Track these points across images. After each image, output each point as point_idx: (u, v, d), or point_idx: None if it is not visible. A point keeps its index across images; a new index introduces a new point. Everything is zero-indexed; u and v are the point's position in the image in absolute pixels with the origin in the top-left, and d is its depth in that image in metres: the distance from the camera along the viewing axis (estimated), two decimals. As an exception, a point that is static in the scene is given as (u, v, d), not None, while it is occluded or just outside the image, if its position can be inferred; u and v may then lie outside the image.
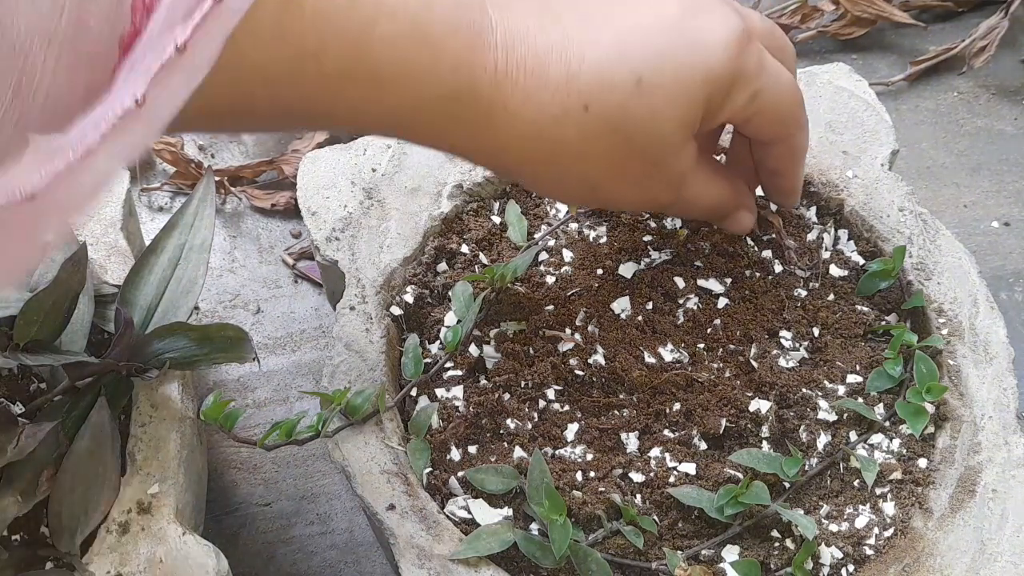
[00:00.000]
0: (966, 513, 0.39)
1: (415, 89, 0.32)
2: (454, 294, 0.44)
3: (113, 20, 0.25)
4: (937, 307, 0.45)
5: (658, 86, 0.34)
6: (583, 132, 0.34)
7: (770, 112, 0.38)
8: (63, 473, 0.39)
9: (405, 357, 0.43)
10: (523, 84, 0.33)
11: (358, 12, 0.30)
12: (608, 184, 0.37)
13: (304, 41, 0.29)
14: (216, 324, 0.42)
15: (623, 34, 0.34)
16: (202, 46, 0.25)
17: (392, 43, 0.31)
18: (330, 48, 0.30)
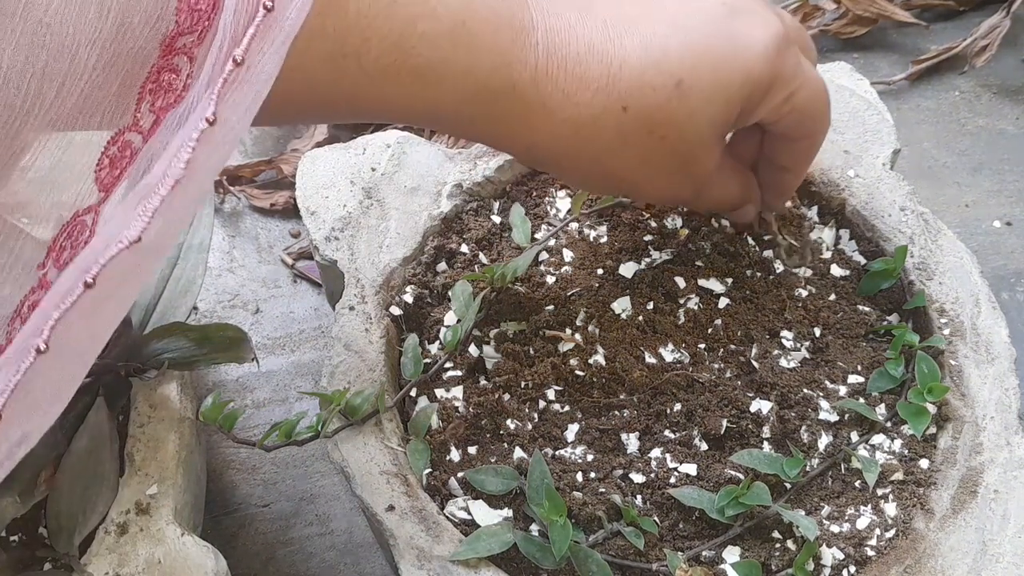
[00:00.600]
0: (968, 514, 0.39)
1: (455, 87, 0.33)
2: (453, 294, 0.44)
3: (155, 21, 0.26)
4: (939, 307, 0.44)
5: (697, 88, 0.35)
6: (620, 132, 0.35)
7: (803, 112, 0.38)
8: (61, 474, 0.39)
9: (404, 357, 0.43)
10: (563, 83, 0.34)
11: (400, 11, 0.30)
12: (637, 179, 0.37)
13: (346, 40, 0.30)
14: (215, 324, 0.42)
15: (664, 35, 0.35)
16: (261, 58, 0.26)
17: (433, 42, 0.31)
18: (372, 47, 0.30)
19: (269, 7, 0.26)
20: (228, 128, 0.26)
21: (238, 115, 0.26)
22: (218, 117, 0.25)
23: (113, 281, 0.25)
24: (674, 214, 0.47)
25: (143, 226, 0.25)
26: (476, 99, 0.33)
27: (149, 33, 0.26)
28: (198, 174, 0.26)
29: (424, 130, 0.67)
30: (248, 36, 0.26)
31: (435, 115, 0.34)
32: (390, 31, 0.30)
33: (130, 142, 0.27)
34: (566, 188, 0.49)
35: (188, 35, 0.26)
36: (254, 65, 0.26)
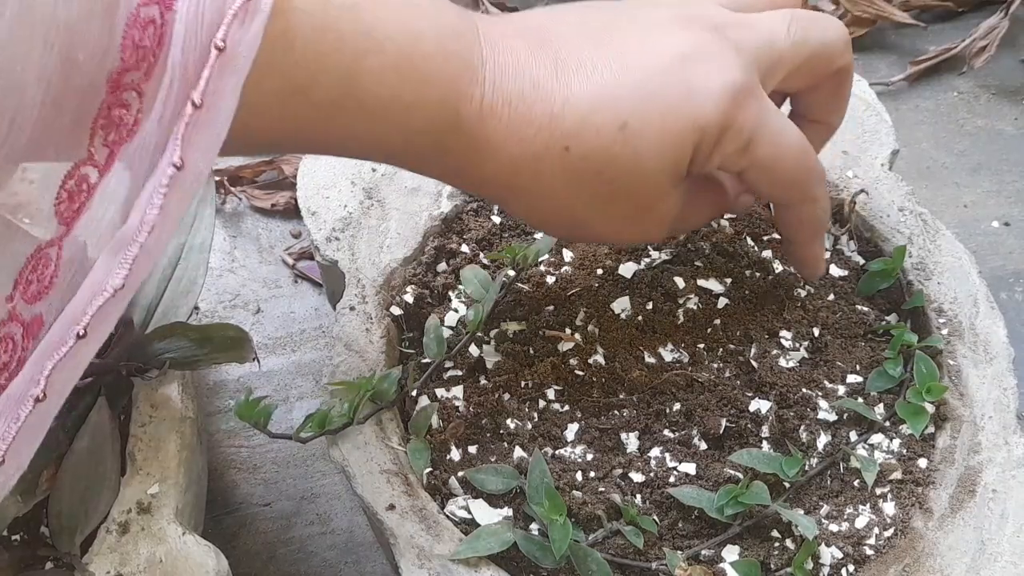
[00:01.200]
0: (966, 513, 0.39)
1: (403, 121, 0.32)
2: (465, 278, 0.44)
3: (100, 57, 0.26)
4: (937, 307, 0.45)
5: (643, 133, 0.34)
6: (566, 172, 0.34)
7: (767, 171, 0.37)
8: (63, 473, 0.39)
9: (427, 338, 0.43)
10: (507, 120, 0.33)
11: (347, 46, 0.30)
12: (594, 223, 0.36)
13: (294, 76, 0.30)
14: (216, 324, 0.42)
15: (614, 76, 0.34)
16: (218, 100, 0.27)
17: (380, 77, 0.31)
18: (320, 82, 0.30)
19: (221, 47, 0.27)
20: (195, 171, 0.27)
21: (204, 157, 0.27)
22: (185, 162, 0.27)
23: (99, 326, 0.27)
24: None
25: (126, 273, 0.27)
26: (424, 133, 0.33)
27: (95, 69, 0.26)
28: (171, 216, 0.27)
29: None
30: (204, 78, 0.27)
31: (386, 150, 0.34)
32: (337, 66, 0.30)
33: (87, 176, 0.28)
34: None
35: (134, 71, 0.27)
36: (213, 106, 0.27)
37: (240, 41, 0.27)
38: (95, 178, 0.28)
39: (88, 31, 0.25)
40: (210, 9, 0.27)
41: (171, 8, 0.27)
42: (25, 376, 0.27)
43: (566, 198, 0.35)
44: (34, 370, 0.27)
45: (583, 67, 0.34)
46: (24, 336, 0.28)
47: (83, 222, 0.28)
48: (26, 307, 0.28)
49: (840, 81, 0.40)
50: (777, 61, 0.37)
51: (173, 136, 0.27)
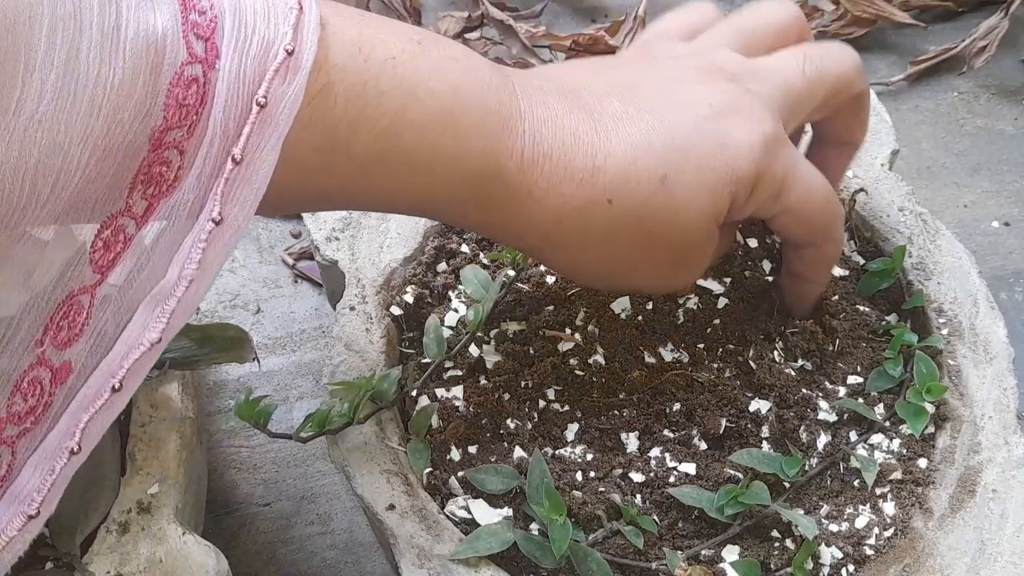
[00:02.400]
0: (966, 513, 0.39)
1: (444, 174, 0.32)
2: (465, 278, 0.44)
3: (144, 116, 0.27)
4: (937, 307, 0.45)
5: (682, 184, 0.34)
6: (608, 224, 0.35)
7: (797, 214, 0.38)
8: (63, 473, 0.39)
9: (426, 338, 0.42)
10: (548, 173, 0.34)
11: (387, 100, 0.30)
12: (632, 273, 0.37)
13: (336, 131, 0.30)
14: (216, 324, 0.42)
15: (648, 130, 0.35)
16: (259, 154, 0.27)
17: (421, 130, 0.31)
18: (361, 137, 0.30)
19: (263, 103, 0.27)
20: (234, 226, 0.28)
21: (243, 213, 0.28)
22: (224, 217, 0.27)
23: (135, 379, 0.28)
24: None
25: (163, 327, 0.27)
26: (466, 185, 0.33)
27: (139, 128, 0.26)
28: (208, 271, 0.28)
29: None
30: (245, 135, 0.27)
31: (429, 203, 0.34)
32: (379, 120, 0.30)
33: (123, 226, 0.28)
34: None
35: (177, 129, 0.27)
36: (253, 162, 0.28)
37: (281, 97, 0.27)
38: (132, 230, 0.28)
39: (132, 92, 0.26)
40: (252, 66, 0.27)
41: (214, 67, 0.27)
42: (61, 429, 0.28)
43: (607, 249, 0.36)
44: (70, 423, 0.28)
45: (620, 122, 0.35)
46: (52, 381, 0.29)
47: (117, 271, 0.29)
48: (56, 352, 0.29)
49: (859, 105, 0.41)
50: (796, 103, 0.38)
51: (212, 192, 0.27)
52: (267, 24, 0.28)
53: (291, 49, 0.28)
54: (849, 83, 0.40)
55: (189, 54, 0.26)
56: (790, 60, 0.39)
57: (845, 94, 0.40)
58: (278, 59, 0.27)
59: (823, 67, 0.39)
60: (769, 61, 0.39)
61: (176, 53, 0.26)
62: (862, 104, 0.41)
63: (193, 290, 0.27)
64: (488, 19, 0.72)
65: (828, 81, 0.39)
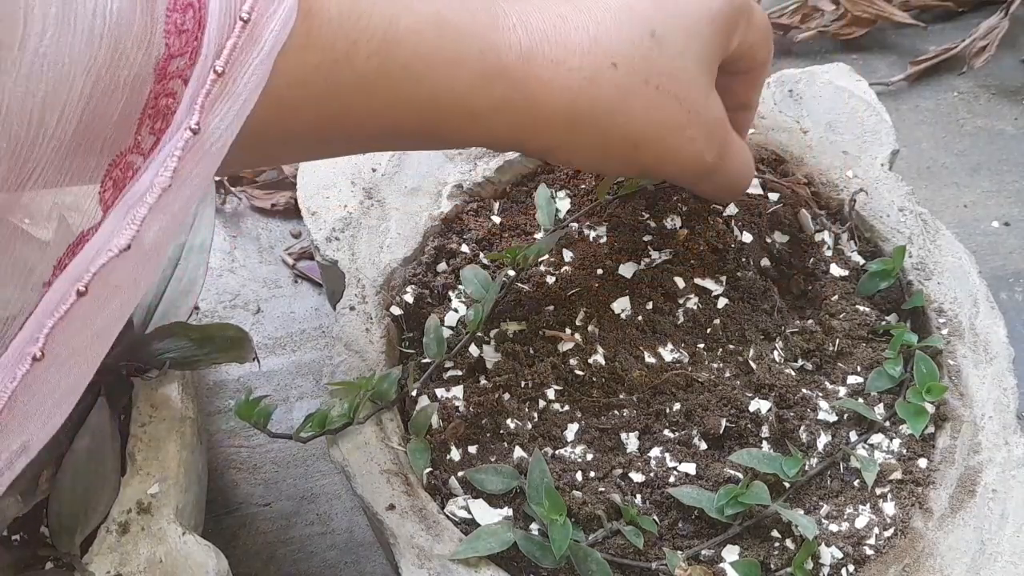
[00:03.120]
0: (966, 513, 0.39)
1: (446, 79, 0.33)
2: (465, 278, 0.44)
3: (147, 46, 0.26)
4: (937, 307, 0.45)
5: (670, 34, 0.36)
6: (618, 88, 0.36)
7: (759, 34, 0.40)
8: (63, 473, 0.39)
9: (427, 338, 0.43)
10: (550, 54, 0.35)
11: (380, 10, 0.31)
12: (651, 140, 0.38)
13: (335, 46, 0.30)
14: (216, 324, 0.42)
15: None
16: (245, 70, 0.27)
17: (417, 34, 0.32)
18: (360, 48, 0.31)
19: (246, 19, 0.27)
20: (214, 137, 0.27)
21: (225, 124, 0.27)
22: (202, 127, 0.27)
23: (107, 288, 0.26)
24: (673, 215, 0.47)
25: (132, 234, 0.26)
26: (471, 90, 0.34)
27: (143, 59, 0.26)
28: (186, 182, 0.27)
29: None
30: (228, 48, 0.27)
31: (436, 113, 0.34)
32: (375, 29, 0.31)
33: (132, 163, 0.28)
34: (566, 188, 0.49)
35: (180, 57, 0.27)
36: (239, 77, 0.27)
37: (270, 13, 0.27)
38: (139, 164, 0.28)
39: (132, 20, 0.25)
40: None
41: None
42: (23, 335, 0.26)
43: (623, 120, 0.37)
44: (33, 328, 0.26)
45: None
46: None
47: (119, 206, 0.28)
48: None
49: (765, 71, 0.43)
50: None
51: (193, 102, 0.27)
52: None
53: None
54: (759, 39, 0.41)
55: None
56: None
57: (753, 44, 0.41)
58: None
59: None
60: None
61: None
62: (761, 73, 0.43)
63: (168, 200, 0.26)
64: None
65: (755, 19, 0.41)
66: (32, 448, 0.27)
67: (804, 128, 0.50)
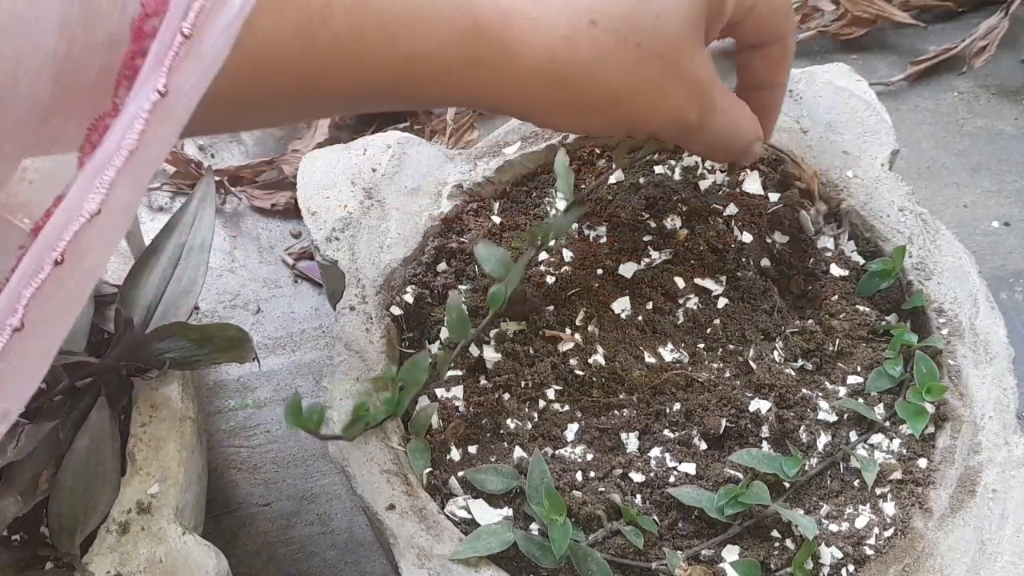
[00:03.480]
0: (966, 513, 0.39)
1: (425, 35, 0.33)
2: (481, 256, 0.42)
3: (122, 5, 0.26)
4: (937, 307, 0.45)
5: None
6: (596, 46, 0.35)
7: (763, 12, 0.39)
8: (63, 473, 0.39)
9: (449, 317, 0.42)
10: (528, 11, 0.34)
11: None
12: (630, 97, 0.37)
13: (309, 6, 0.30)
14: (216, 324, 0.42)
15: None
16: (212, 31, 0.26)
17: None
18: (335, 8, 0.31)
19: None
20: (180, 97, 0.27)
21: (190, 84, 0.27)
22: (169, 88, 0.26)
23: (79, 252, 0.26)
24: (673, 215, 0.47)
25: (102, 197, 0.26)
26: (448, 47, 0.33)
27: (119, 17, 0.26)
28: (152, 144, 0.26)
29: (424, 130, 0.67)
30: (195, 9, 0.27)
31: (414, 72, 0.34)
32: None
33: (109, 127, 0.27)
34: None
35: (155, 17, 0.27)
36: (206, 39, 0.27)
37: None
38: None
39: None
40: None
41: None
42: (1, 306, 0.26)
43: (601, 78, 0.36)
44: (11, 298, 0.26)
45: None
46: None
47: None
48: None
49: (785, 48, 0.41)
50: None
51: (160, 64, 0.26)
52: None
53: None
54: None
55: None
56: None
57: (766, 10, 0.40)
58: None
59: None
60: None
61: None
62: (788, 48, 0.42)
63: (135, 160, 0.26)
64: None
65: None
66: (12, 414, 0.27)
67: (804, 128, 0.50)
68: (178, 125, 0.27)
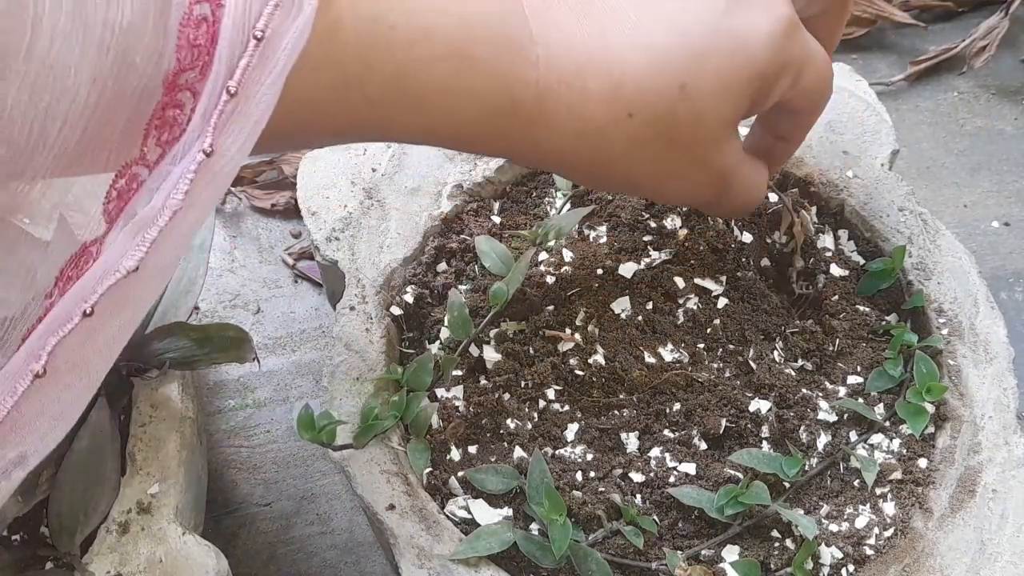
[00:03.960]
0: (966, 513, 0.39)
1: (459, 109, 0.33)
2: (481, 251, 0.42)
3: (156, 58, 0.26)
4: (937, 307, 0.45)
5: (702, 90, 0.34)
6: (628, 138, 0.35)
7: (810, 92, 0.38)
8: (63, 473, 0.39)
9: (450, 317, 0.42)
10: (566, 98, 0.34)
11: (398, 37, 0.30)
12: (652, 182, 0.37)
13: (348, 70, 0.30)
14: (216, 324, 0.42)
15: (663, 38, 0.34)
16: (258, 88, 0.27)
17: (431, 68, 0.31)
18: (374, 75, 0.30)
19: (259, 37, 0.27)
20: (226, 159, 0.27)
21: (237, 146, 0.27)
22: (215, 148, 0.26)
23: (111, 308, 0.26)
24: (673, 215, 0.47)
25: (141, 256, 0.26)
26: (481, 121, 0.33)
27: (152, 71, 0.26)
28: (196, 204, 0.27)
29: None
30: (241, 68, 0.27)
31: (444, 135, 0.34)
32: (390, 58, 0.30)
33: (137, 175, 0.28)
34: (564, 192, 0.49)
35: (190, 71, 0.27)
36: (251, 96, 0.27)
37: (283, 32, 0.27)
38: (144, 177, 0.28)
39: (143, 33, 0.25)
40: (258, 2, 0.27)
41: (221, 4, 0.27)
42: (26, 350, 0.26)
43: (629, 162, 0.36)
44: (36, 345, 0.26)
45: (635, 31, 0.34)
46: None
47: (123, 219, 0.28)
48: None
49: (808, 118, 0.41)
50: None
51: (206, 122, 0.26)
52: None
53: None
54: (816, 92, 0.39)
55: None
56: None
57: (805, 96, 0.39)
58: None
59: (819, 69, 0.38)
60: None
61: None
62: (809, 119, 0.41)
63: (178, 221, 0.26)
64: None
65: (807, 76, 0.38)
66: (30, 461, 0.27)
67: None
68: (223, 185, 0.27)
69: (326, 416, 0.40)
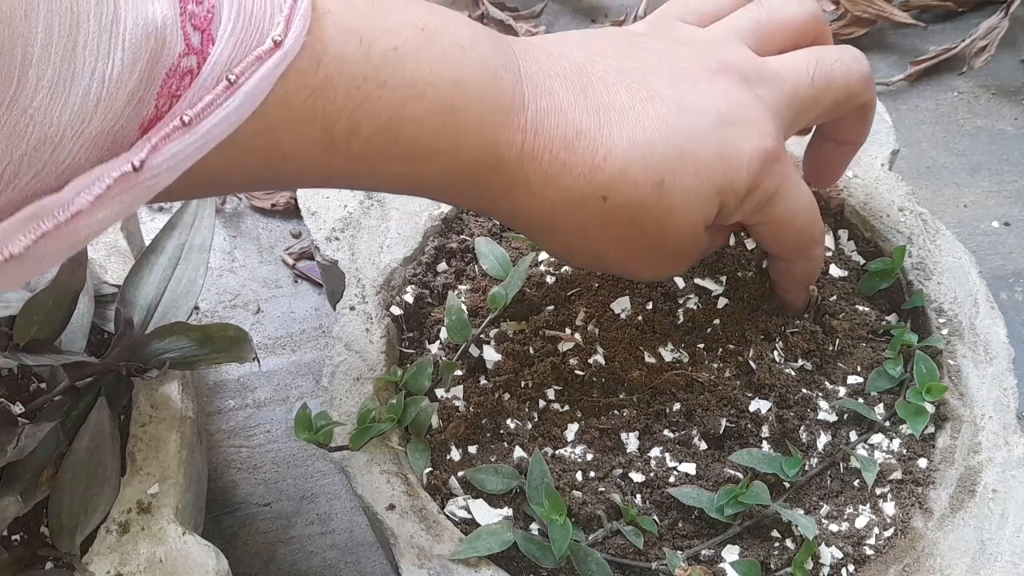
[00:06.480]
0: (966, 513, 0.39)
1: (442, 165, 0.33)
2: (480, 252, 0.43)
3: (136, 104, 0.26)
4: (937, 307, 0.45)
5: (678, 190, 0.35)
6: (600, 218, 0.35)
7: (776, 228, 0.39)
8: (63, 473, 0.39)
9: (448, 319, 0.42)
10: (546, 166, 0.34)
11: (389, 94, 0.30)
12: (619, 262, 0.38)
13: (336, 124, 0.30)
14: (216, 324, 0.42)
15: (653, 132, 0.35)
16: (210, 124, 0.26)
17: (421, 125, 0.31)
18: (362, 130, 0.31)
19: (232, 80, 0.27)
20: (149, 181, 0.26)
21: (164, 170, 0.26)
22: (144, 166, 0.26)
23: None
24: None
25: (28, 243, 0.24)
26: (463, 175, 0.34)
27: (130, 115, 0.26)
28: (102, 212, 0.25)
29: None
30: (204, 102, 0.26)
31: (422, 188, 0.35)
32: (379, 114, 0.30)
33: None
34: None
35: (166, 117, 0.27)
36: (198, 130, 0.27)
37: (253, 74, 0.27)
38: None
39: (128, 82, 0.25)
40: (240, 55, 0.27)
41: (207, 57, 0.27)
42: None
43: (596, 239, 0.36)
44: None
45: (625, 118, 0.35)
46: None
47: None
48: None
49: (864, 114, 0.42)
50: (800, 111, 0.39)
51: (147, 138, 0.26)
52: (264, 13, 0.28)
53: (279, 40, 0.27)
54: (855, 94, 0.40)
55: (186, 45, 0.26)
56: (801, 64, 0.39)
57: (851, 103, 0.40)
58: (263, 47, 0.27)
59: (832, 75, 0.39)
60: (781, 64, 0.39)
61: (174, 44, 0.26)
62: (867, 113, 0.42)
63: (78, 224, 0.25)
64: (488, 19, 0.72)
65: (835, 90, 0.39)
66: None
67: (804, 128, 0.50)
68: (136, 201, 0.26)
69: (323, 416, 0.40)
